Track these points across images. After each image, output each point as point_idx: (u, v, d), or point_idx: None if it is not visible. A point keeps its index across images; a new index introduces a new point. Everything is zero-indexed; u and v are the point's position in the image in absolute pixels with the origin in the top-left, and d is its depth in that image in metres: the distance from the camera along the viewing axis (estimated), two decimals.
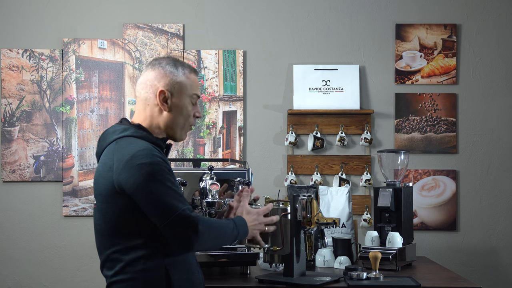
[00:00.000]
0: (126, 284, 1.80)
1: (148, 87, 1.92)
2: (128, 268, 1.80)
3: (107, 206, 1.82)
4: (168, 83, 1.91)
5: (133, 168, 1.76)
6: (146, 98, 1.93)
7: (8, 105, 3.57)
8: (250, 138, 3.60)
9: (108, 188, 1.80)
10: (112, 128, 1.92)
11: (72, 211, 3.56)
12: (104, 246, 1.85)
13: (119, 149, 1.82)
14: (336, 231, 2.99)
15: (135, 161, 1.76)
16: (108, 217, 1.82)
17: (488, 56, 3.60)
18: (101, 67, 3.59)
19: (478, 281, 3.46)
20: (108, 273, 1.85)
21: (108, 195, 1.81)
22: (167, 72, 1.92)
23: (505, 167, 3.58)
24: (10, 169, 3.56)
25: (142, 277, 1.80)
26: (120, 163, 1.78)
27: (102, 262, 1.87)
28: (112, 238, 1.83)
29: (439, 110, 3.58)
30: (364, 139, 3.53)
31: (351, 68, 3.59)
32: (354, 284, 2.31)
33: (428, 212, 3.57)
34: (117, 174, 1.78)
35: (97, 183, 1.86)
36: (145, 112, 1.93)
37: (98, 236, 1.88)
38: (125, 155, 1.78)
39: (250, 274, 2.54)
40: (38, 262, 3.57)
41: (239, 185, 2.46)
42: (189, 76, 1.95)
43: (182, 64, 1.96)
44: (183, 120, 1.94)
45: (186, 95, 1.93)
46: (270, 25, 3.63)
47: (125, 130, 1.88)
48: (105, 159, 1.84)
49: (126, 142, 1.83)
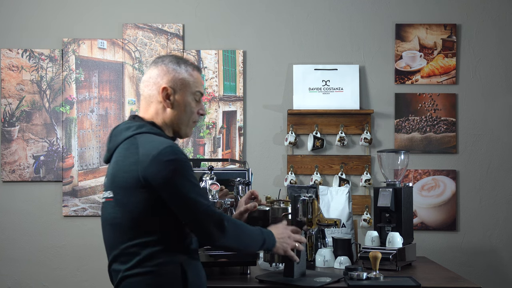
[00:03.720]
0: (143, 278, 1.80)
1: (151, 84, 1.95)
2: (146, 262, 1.80)
3: (129, 200, 1.81)
4: (171, 80, 1.93)
5: (162, 164, 1.78)
6: (149, 95, 1.95)
7: (8, 105, 3.57)
8: (250, 138, 3.60)
9: (132, 181, 1.80)
10: (126, 124, 1.94)
11: (72, 211, 3.56)
12: (119, 240, 1.84)
13: (143, 144, 1.83)
14: (336, 231, 2.99)
15: (163, 157, 1.78)
16: (129, 211, 1.81)
17: (488, 56, 3.60)
18: (101, 67, 3.59)
19: (478, 281, 3.46)
20: (122, 267, 1.83)
21: (131, 189, 1.81)
22: (170, 69, 1.94)
23: (505, 167, 3.59)
24: (10, 169, 3.56)
25: (160, 271, 1.81)
26: (147, 158, 1.79)
27: (115, 256, 1.85)
28: (131, 232, 1.82)
29: (439, 110, 3.58)
30: (364, 139, 3.53)
31: (351, 68, 3.59)
32: (354, 284, 2.30)
33: (428, 212, 3.57)
34: (143, 168, 1.79)
35: (117, 176, 1.85)
36: (149, 110, 1.96)
37: (113, 230, 1.86)
38: (152, 150, 1.80)
39: (250, 274, 2.53)
40: (38, 262, 3.57)
41: (239, 185, 2.46)
42: (192, 73, 1.97)
43: (185, 61, 1.98)
44: (186, 117, 1.96)
45: (189, 92, 1.95)
46: (270, 25, 3.63)
47: (140, 127, 1.90)
48: (126, 153, 1.84)
49: (147, 138, 1.85)
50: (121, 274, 1.83)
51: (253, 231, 2.00)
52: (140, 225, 1.81)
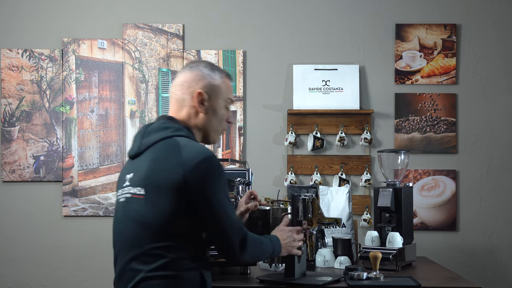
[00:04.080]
0: (165, 281, 1.79)
1: (185, 88, 1.95)
2: (171, 266, 1.79)
3: (163, 200, 1.79)
4: (206, 86, 1.95)
5: (205, 171, 1.80)
6: (182, 99, 1.95)
7: (8, 105, 3.57)
8: (250, 138, 3.60)
9: (171, 183, 1.79)
10: (162, 124, 1.93)
11: (72, 211, 3.56)
12: (145, 239, 1.81)
13: (186, 148, 1.83)
14: (336, 231, 2.99)
15: (207, 164, 1.81)
16: (161, 211, 1.79)
17: (488, 56, 3.60)
18: (101, 67, 3.59)
19: (478, 281, 3.46)
20: (143, 267, 1.80)
21: (168, 189, 1.79)
22: (205, 74, 1.96)
23: (505, 167, 3.59)
24: (10, 169, 3.56)
25: (182, 276, 1.80)
26: (191, 162, 1.79)
27: (136, 255, 1.82)
28: (159, 233, 1.79)
29: (439, 110, 3.58)
30: (364, 139, 3.53)
31: (351, 68, 3.59)
32: (354, 284, 2.30)
33: (428, 212, 3.57)
34: (187, 172, 1.78)
35: (154, 175, 1.82)
36: (181, 113, 1.96)
37: (139, 228, 1.82)
38: (196, 156, 1.81)
39: (250, 274, 2.53)
40: (38, 262, 3.57)
41: (239, 185, 2.46)
42: (225, 80, 2.01)
43: (218, 68, 2.02)
44: (217, 123, 1.99)
45: (221, 98, 1.98)
46: (270, 25, 3.63)
47: (179, 130, 1.90)
48: (168, 154, 1.83)
49: (190, 143, 1.86)
50: (142, 275, 1.80)
51: (266, 244, 2.03)
52: (170, 227, 1.79)
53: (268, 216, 2.35)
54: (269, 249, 2.04)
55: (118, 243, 1.91)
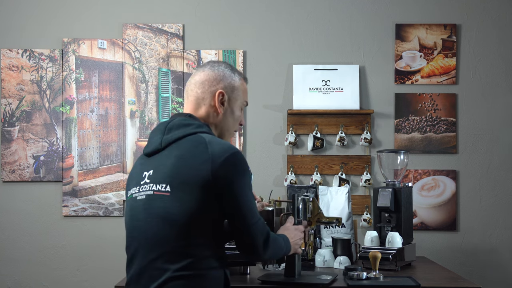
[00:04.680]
0: (191, 281, 1.77)
1: (207, 87, 1.96)
2: (198, 265, 1.78)
3: (190, 197, 1.78)
4: (227, 86, 1.97)
5: (233, 167, 1.81)
6: (203, 98, 1.96)
7: (8, 105, 3.57)
8: (250, 138, 3.60)
9: (200, 179, 1.78)
10: (183, 120, 1.91)
11: (72, 211, 3.56)
12: (171, 237, 1.78)
13: (213, 144, 1.83)
14: (336, 231, 2.99)
15: (235, 160, 1.82)
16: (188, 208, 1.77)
17: (488, 56, 3.60)
18: (101, 67, 3.59)
19: (478, 281, 3.46)
20: (170, 266, 1.77)
21: (196, 186, 1.77)
22: (227, 75, 1.98)
23: (505, 167, 3.58)
24: (10, 169, 3.56)
25: (208, 275, 1.80)
26: (219, 158, 1.79)
27: (162, 253, 1.79)
28: (186, 230, 1.77)
29: (439, 110, 3.58)
30: (364, 139, 3.53)
31: (351, 68, 3.59)
32: (354, 284, 2.31)
33: (427, 212, 3.57)
34: (215, 167, 1.78)
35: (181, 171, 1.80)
36: (199, 111, 1.97)
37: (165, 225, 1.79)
38: (224, 152, 1.81)
39: (250, 274, 2.54)
40: (38, 262, 3.57)
41: None
42: (243, 83, 2.04)
43: (238, 70, 2.04)
44: (233, 124, 2.01)
45: (239, 100, 2.01)
46: (270, 25, 3.63)
47: (201, 127, 1.90)
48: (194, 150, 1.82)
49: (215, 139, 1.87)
50: (168, 274, 1.77)
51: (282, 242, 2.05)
52: (197, 224, 1.78)
53: (272, 216, 2.36)
54: (284, 247, 2.06)
55: (136, 242, 1.86)
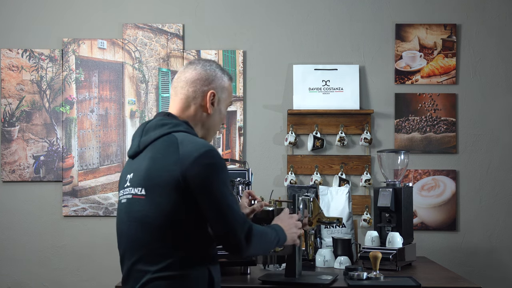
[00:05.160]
0: (172, 281, 1.77)
1: (198, 86, 1.95)
2: (178, 265, 1.77)
3: (164, 199, 1.77)
4: (218, 87, 1.96)
5: (203, 167, 1.77)
6: (193, 97, 1.94)
7: (8, 105, 3.57)
8: (250, 138, 3.60)
9: (171, 181, 1.77)
10: (160, 120, 1.91)
11: (72, 211, 3.56)
12: (149, 240, 1.79)
13: (184, 143, 1.81)
14: (336, 231, 2.99)
15: (205, 159, 1.78)
16: (163, 210, 1.77)
17: (488, 56, 3.60)
18: (101, 67, 3.59)
19: (478, 281, 3.46)
20: (150, 268, 1.78)
21: (168, 188, 1.77)
22: (218, 75, 1.97)
23: (505, 167, 3.59)
24: (10, 169, 3.56)
25: (190, 275, 1.79)
26: (188, 159, 1.77)
27: (141, 256, 1.80)
28: (163, 232, 1.78)
29: (439, 110, 3.58)
30: (364, 139, 3.53)
31: (351, 68, 3.59)
32: (354, 284, 2.31)
33: (428, 212, 3.57)
34: (184, 168, 1.76)
35: (153, 174, 1.80)
36: (188, 110, 1.95)
37: (142, 228, 1.80)
38: (194, 151, 1.78)
39: (250, 274, 2.54)
40: (38, 262, 3.57)
41: (239, 185, 2.46)
42: (230, 83, 2.03)
43: (225, 70, 2.03)
44: (218, 124, 2.01)
45: (227, 101, 2.01)
46: (270, 25, 3.63)
47: (177, 125, 1.88)
48: (165, 152, 1.82)
49: (187, 138, 1.84)
50: (148, 276, 1.78)
51: (271, 234, 2.00)
52: (173, 226, 1.77)
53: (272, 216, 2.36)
54: (274, 238, 2.00)
55: (123, 244, 1.89)
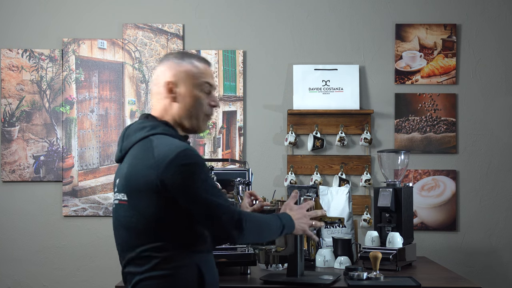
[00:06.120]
0: (160, 281, 1.79)
1: (159, 82, 1.94)
2: (163, 265, 1.79)
3: (144, 204, 1.79)
4: (175, 74, 1.92)
5: (178, 168, 1.76)
6: (157, 92, 1.94)
7: (8, 105, 3.57)
8: (250, 138, 3.60)
9: (148, 185, 1.78)
10: (139, 124, 1.92)
11: (72, 211, 3.56)
12: (135, 244, 1.82)
13: (159, 146, 1.81)
14: (336, 231, 2.99)
15: (179, 160, 1.76)
16: (144, 214, 1.79)
17: (488, 56, 3.60)
18: (101, 67, 3.59)
19: (478, 281, 3.46)
20: (138, 270, 1.81)
21: (147, 192, 1.78)
22: (173, 63, 1.93)
23: (505, 167, 3.59)
24: (10, 169, 3.56)
25: (177, 274, 1.79)
26: (163, 162, 1.77)
27: (130, 259, 1.83)
28: (146, 236, 1.80)
29: (439, 110, 3.58)
30: (364, 139, 3.53)
31: (351, 68, 3.59)
32: (354, 284, 2.31)
33: (428, 212, 3.57)
34: (160, 172, 1.76)
35: (132, 179, 1.82)
36: (161, 107, 1.94)
37: (127, 233, 1.84)
38: (168, 153, 1.77)
39: (250, 274, 2.54)
40: (38, 262, 3.57)
41: (239, 185, 2.46)
42: (197, 65, 1.94)
43: (191, 55, 1.97)
44: (194, 110, 1.92)
45: (193, 83, 1.92)
46: (270, 25, 3.63)
47: (154, 127, 1.88)
48: (142, 156, 1.82)
49: (163, 140, 1.83)
50: (137, 277, 1.81)
51: (271, 221, 1.97)
52: (156, 228, 1.79)
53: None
54: (277, 226, 1.97)
55: (117, 248, 1.93)
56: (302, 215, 2.09)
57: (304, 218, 2.09)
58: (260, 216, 1.96)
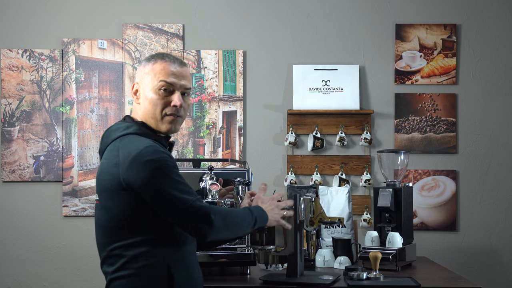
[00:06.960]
0: (127, 280, 1.80)
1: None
2: (130, 264, 1.80)
3: (112, 203, 1.82)
4: (140, 76, 1.94)
5: (141, 165, 1.77)
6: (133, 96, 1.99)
7: (8, 105, 3.57)
8: (250, 138, 3.60)
9: (114, 184, 1.80)
10: (116, 125, 1.94)
11: (72, 211, 3.56)
12: (106, 242, 1.85)
13: (124, 146, 1.83)
14: (336, 231, 2.99)
15: (142, 158, 1.77)
16: (112, 213, 1.82)
17: (488, 56, 3.60)
18: (101, 67, 3.59)
19: (478, 281, 3.46)
20: (109, 269, 1.84)
21: (113, 191, 1.81)
22: (141, 65, 1.95)
23: (505, 167, 3.59)
24: (10, 169, 3.56)
25: (143, 274, 1.80)
26: (126, 160, 1.79)
27: (103, 259, 1.87)
28: (115, 234, 1.82)
29: (439, 110, 3.58)
30: (364, 139, 3.53)
31: (351, 68, 3.59)
32: (354, 284, 2.31)
33: (428, 212, 3.57)
34: (123, 170, 1.78)
35: (101, 179, 1.86)
36: (133, 108, 1.99)
37: (100, 232, 1.88)
38: (132, 152, 1.79)
39: (250, 274, 2.54)
40: (38, 262, 3.57)
41: (239, 185, 2.46)
42: (157, 64, 1.91)
43: (162, 55, 1.94)
44: (152, 110, 1.89)
45: (149, 83, 1.90)
46: (270, 25, 3.63)
47: (128, 128, 1.89)
48: (110, 156, 1.85)
49: (130, 140, 1.84)
50: (108, 277, 1.84)
51: (242, 214, 1.95)
52: (124, 227, 1.81)
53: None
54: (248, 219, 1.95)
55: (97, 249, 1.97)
56: (274, 206, 2.09)
57: (276, 208, 2.09)
58: (229, 209, 1.98)
